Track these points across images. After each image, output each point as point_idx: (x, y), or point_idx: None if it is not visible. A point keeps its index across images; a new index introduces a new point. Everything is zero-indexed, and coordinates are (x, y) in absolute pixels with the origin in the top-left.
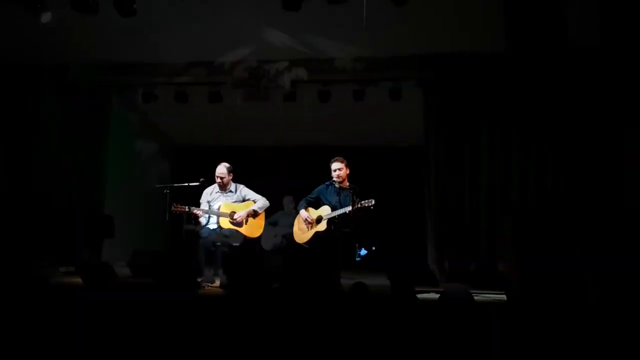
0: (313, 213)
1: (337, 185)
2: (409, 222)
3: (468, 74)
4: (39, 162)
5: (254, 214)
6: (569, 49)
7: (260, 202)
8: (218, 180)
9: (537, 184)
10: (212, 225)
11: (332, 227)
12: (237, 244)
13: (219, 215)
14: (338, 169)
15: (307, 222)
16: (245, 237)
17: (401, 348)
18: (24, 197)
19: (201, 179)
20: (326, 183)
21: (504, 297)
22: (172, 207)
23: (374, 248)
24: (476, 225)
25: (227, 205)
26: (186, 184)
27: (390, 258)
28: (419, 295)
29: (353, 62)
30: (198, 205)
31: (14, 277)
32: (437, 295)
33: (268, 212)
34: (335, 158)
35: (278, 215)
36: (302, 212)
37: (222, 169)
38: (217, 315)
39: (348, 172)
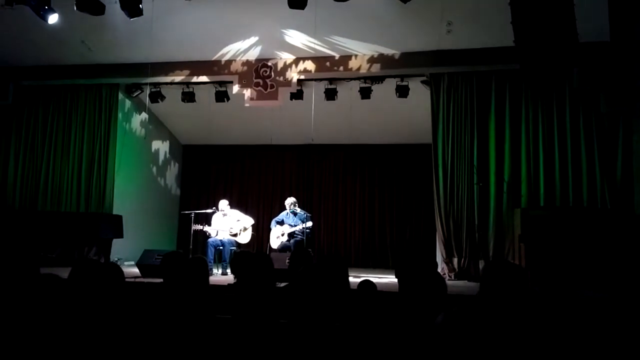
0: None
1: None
2: (418, 220)
3: (475, 71)
4: (48, 163)
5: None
6: (577, 43)
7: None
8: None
9: (546, 180)
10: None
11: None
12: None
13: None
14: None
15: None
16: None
17: (409, 346)
18: (32, 196)
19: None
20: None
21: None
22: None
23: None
24: (485, 223)
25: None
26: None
27: (399, 256)
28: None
29: (360, 59)
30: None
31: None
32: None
33: (274, 212)
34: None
35: (283, 215)
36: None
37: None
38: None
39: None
